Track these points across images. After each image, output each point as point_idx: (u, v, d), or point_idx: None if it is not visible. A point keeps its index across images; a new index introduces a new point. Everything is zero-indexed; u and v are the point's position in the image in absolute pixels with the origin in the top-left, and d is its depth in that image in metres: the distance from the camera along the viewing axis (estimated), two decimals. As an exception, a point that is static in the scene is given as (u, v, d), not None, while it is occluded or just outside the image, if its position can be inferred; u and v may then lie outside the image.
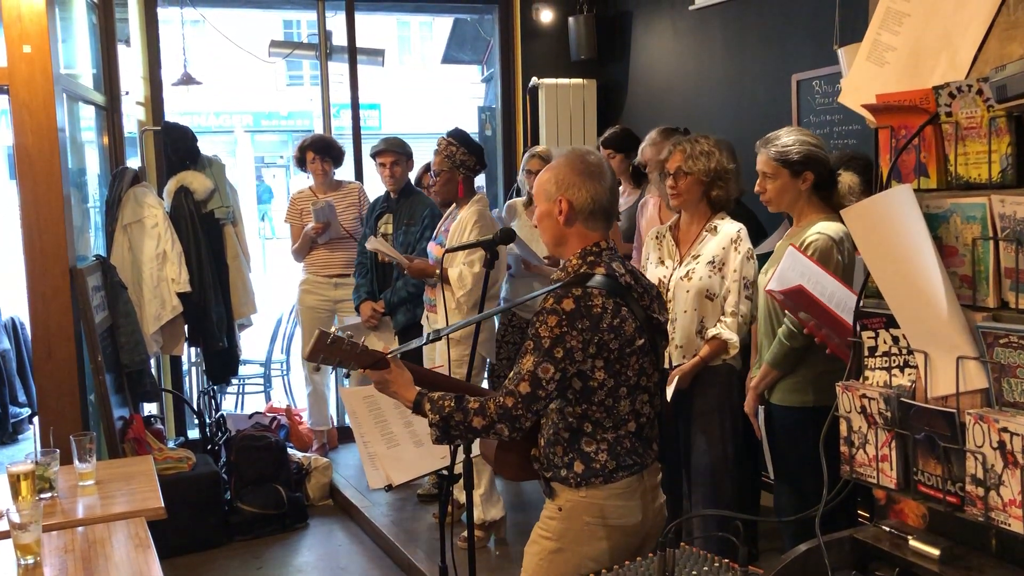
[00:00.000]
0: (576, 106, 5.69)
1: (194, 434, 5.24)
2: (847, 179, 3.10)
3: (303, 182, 5.42)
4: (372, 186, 5.61)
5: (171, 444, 4.66)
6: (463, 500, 3.50)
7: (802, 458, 2.81)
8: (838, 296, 2.52)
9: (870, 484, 1.79)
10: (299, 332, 5.69)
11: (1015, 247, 1.56)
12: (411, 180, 4.80)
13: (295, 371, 6.75)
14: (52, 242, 3.86)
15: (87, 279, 4.00)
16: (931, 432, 1.64)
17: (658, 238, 3.25)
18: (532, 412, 1.98)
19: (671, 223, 3.26)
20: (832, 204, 2.91)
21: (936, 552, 1.68)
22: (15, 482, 2.53)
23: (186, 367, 5.72)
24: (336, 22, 5.83)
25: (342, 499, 4.78)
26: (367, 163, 5.79)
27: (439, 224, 4.23)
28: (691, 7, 4.94)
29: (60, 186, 3.86)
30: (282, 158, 19.37)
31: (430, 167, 4.96)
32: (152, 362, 4.77)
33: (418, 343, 2.24)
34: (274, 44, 6.44)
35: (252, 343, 6.48)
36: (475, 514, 3.92)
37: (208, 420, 4.97)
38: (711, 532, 3.01)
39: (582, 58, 5.68)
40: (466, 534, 2.77)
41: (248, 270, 5.22)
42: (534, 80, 5.73)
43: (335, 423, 5.59)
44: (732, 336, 3.02)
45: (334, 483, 4.89)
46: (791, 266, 2.65)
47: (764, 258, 3.10)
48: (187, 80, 6.61)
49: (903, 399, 1.71)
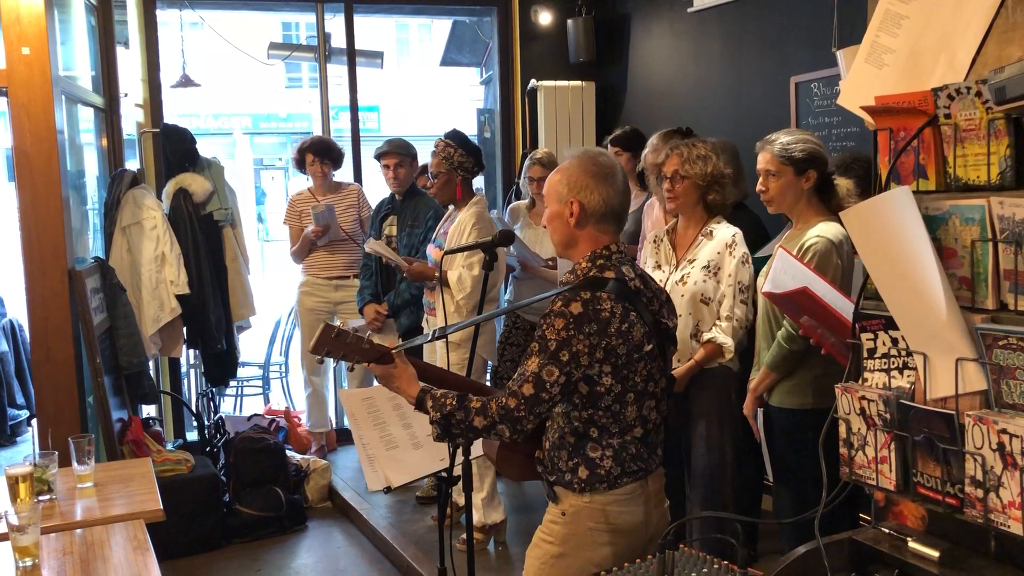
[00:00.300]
0: (575, 108, 5.69)
1: (193, 436, 5.24)
2: (844, 182, 3.10)
3: (302, 184, 5.42)
4: (371, 188, 5.61)
5: (170, 446, 4.66)
6: (463, 503, 3.49)
7: (801, 460, 2.81)
8: (829, 298, 2.52)
9: (869, 486, 1.79)
10: (298, 334, 5.69)
11: (1014, 249, 1.56)
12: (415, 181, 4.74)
13: (294, 373, 6.74)
14: (51, 244, 3.86)
15: (86, 281, 4.00)
16: (930, 434, 1.64)
17: (655, 242, 3.26)
18: (534, 415, 1.95)
19: (668, 227, 3.26)
20: (831, 206, 2.91)
21: (935, 554, 1.68)
22: (13, 484, 2.53)
23: (185, 369, 5.71)
24: (335, 24, 5.83)
25: (341, 501, 4.77)
26: (366, 165, 5.80)
27: (438, 226, 4.19)
28: (690, 9, 4.94)
29: (59, 188, 3.86)
30: (281, 160, 19.36)
31: (427, 169, 4.96)
32: (151, 364, 4.77)
33: (423, 340, 2.23)
34: (273, 46, 6.44)
35: (251, 345, 6.48)
36: (476, 518, 3.91)
37: (207, 422, 4.97)
38: (709, 534, 3.01)
39: (581, 60, 5.68)
40: (465, 536, 2.77)
41: (247, 272, 5.22)
42: (533, 82, 5.73)
43: (334, 425, 5.59)
44: (727, 340, 3.03)
45: (333, 485, 4.89)
46: (783, 268, 2.65)
47: (765, 261, 3.10)
48: (186, 82, 6.61)
49: (902, 401, 1.71)
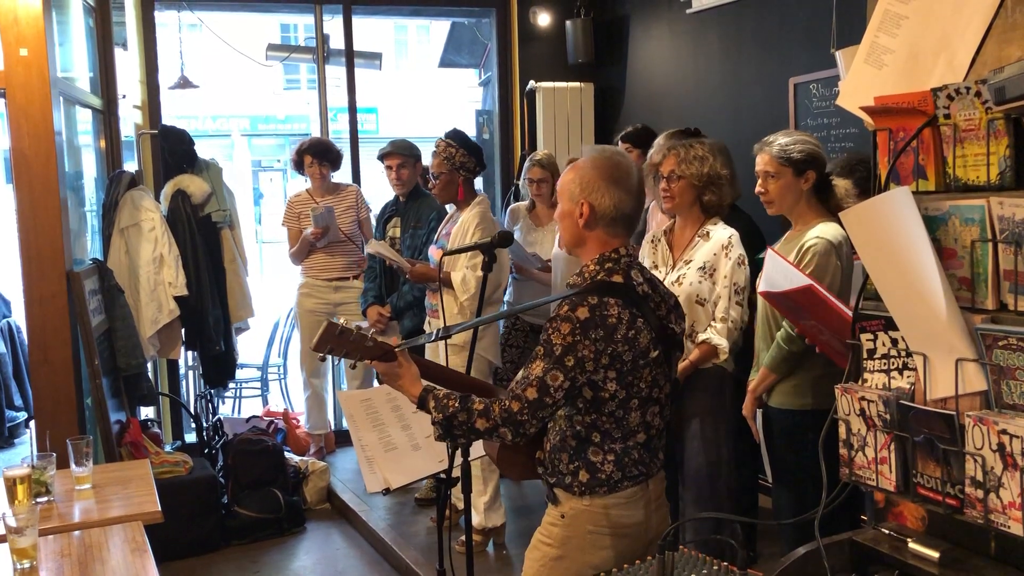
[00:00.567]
0: (574, 110, 5.69)
1: (191, 438, 5.23)
2: (843, 183, 3.10)
3: (300, 185, 5.42)
4: (370, 189, 5.61)
5: (168, 448, 4.65)
6: (462, 506, 3.48)
7: (800, 461, 2.81)
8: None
9: (869, 487, 1.79)
10: (297, 336, 5.68)
11: (1014, 249, 1.55)
12: (420, 183, 4.67)
13: (292, 375, 6.74)
14: (49, 246, 3.85)
15: (84, 283, 3.99)
16: (930, 434, 1.64)
17: (653, 242, 3.25)
18: (537, 419, 1.94)
19: (666, 227, 3.26)
20: (829, 207, 2.91)
21: (935, 555, 1.68)
22: (11, 486, 2.52)
23: (183, 371, 5.71)
24: (333, 26, 5.83)
25: (340, 503, 4.77)
26: (364, 166, 5.80)
27: (439, 227, 4.15)
28: (688, 11, 4.94)
29: (57, 190, 3.86)
30: (279, 162, 19.35)
31: (426, 171, 4.93)
32: (149, 366, 4.76)
33: (426, 339, 2.21)
34: (271, 48, 6.44)
35: (249, 347, 6.47)
36: (476, 520, 3.90)
37: (205, 424, 4.97)
38: (705, 536, 3.00)
39: (579, 61, 5.68)
40: (464, 538, 2.77)
41: (245, 274, 5.21)
42: (531, 84, 5.73)
43: (333, 427, 5.58)
44: (722, 341, 3.02)
45: (331, 487, 4.88)
46: (774, 268, 2.65)
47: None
48: (184, 84, 6.62)
49: (902, 401, 1.71)
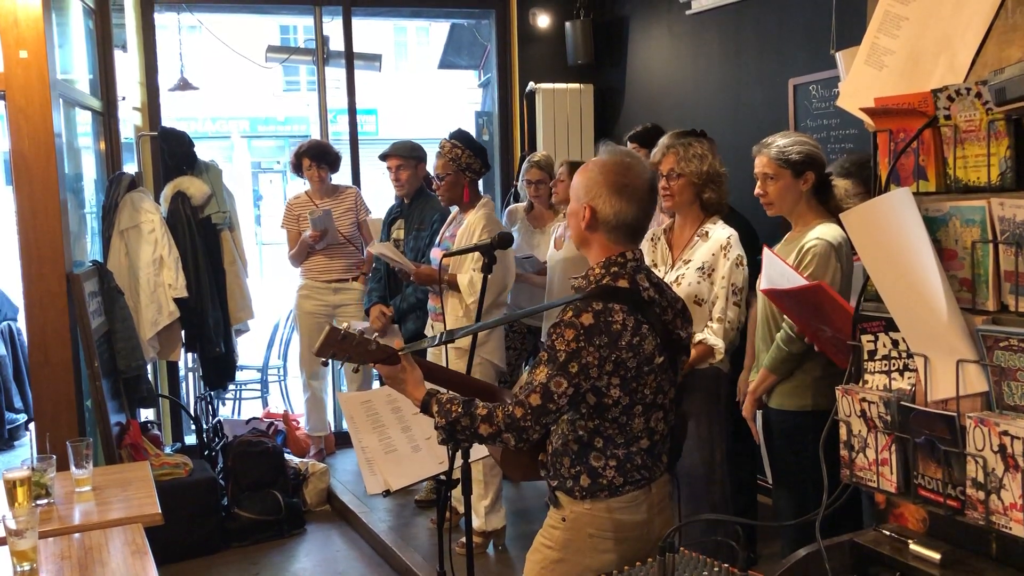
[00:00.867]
0: (573, 111, 5.69)
1: (191, 440, 5.23)
2: (842, 184, 3.09)
3: (300, 187, 5.41)
4: (370, 191, 5.61)
5: (168, 450, 4.65)
6: (462, 508, 3.47)
7: (801, 462, 2.80)
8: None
9: (870, 488, 1.78)
10: (296, 338, 5.68)
11: (1015, 250, 1.55)
12: (424, 184, 4.61)
13: (292, 377, 6.74)
14: (48, 248, 3.85)
15: (84, 285, 3.99)
16: (931, 436, 1.64)
17: (653, 240, 3.25)
18: (541, 425, 1.93)
19: (666, 226, 3.26)
20: (829, 208, 2.91)
21: (937, 556, 1.68)
22: (11, 488, 2.51)
23: (183, 373, 5.71)
24: (333, 27, 5.83)
25: (340, 505, 4.76)
26: (364, 168, 5.80)
27: (442, 229, 4.09)
28: (688, 12, 4.94)
29: (56, 192, 3.86)
30: (279, 163, 19.35)
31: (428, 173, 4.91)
32: (149, 368, 4.76)
33: (429, 343, 2.20)
34: (271, 49, 6.44)
35: (249, 348, 6.47)
36: (476, 523, 3.89)
37: (205, 426, 4.96)
38: (702, 537, 2.99)
39: (579, 63, 5.69)
40: (464, 540, 2.76)
41: (245, 275, 5.21)
42: (531, 85, 5.73)
43: (332, 428, 5.58)
44: (718, 342, 3.02)
45: (332, 488, 4.88)
46: (772, 268, 2.65)
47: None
48: (184, 85, 6.61)
49: (903, 403, 1.71)
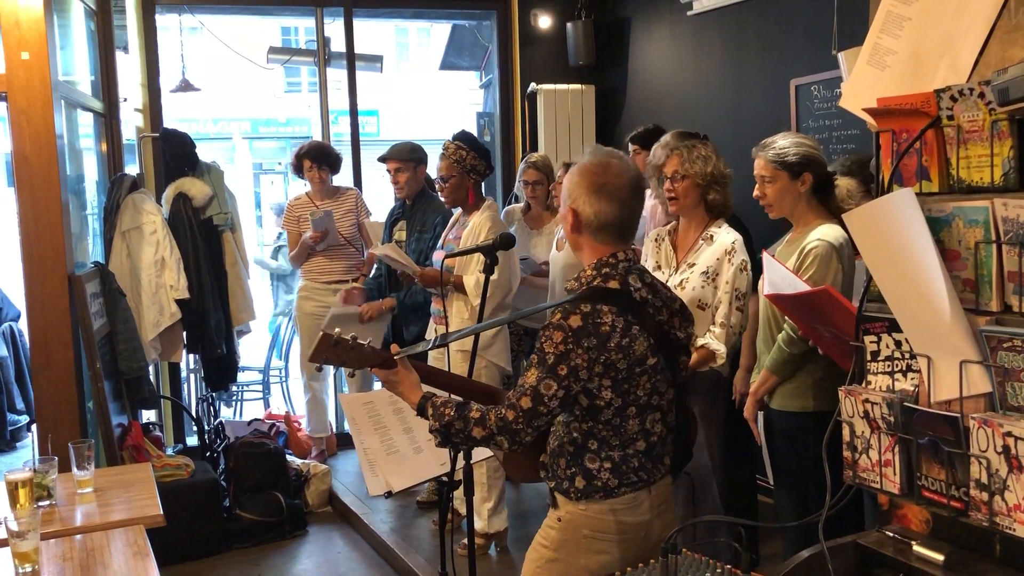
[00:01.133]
0: (575, 112, 5.68)
1: (193, 441, 5.23)
2: (844, 184, 3.09)
3: (301, 188, 5.42)
4: (371, 192, 5.61)
5: (170, 451, 4.65)
6: (463, 511, 3.46)
7: (802, 463, 2.80)
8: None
9: (873, 489, 1.78)
10: (297, 339, 5.68)
11: (1018, 251, 1.55)
12: (426, 186, 4.59)
13: (294, 378, 6.74)
14: (50, 249, 3.85)
15: (85, 286, 3.99)
16: (935, 437, 1.64)
17: (657, 241, 3.24)
18: (533, 427, 1.93)
19: (670, 227, 3.25)
20: (831, 208, 2.90)
21: (940, 557, 1.68)
22: (13, 490, 2.51)
23: (185, 374, 5.71)
24: (334, 28, 5.83)
25: (341, 506, 4.76)
26: (366, 169, 5.80)
27: (445, 231, 4.07)
28: (689, 12, 4.94)
29: (58, 193, 3.86)
30: (280, 164, 19.34)
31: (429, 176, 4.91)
32: (151, 369, 4.76)
33: (424, 347, 2.21)
34: (272, 51, 6.44)
35: (251, 350, 6.47)
36: (479, 525, 3.88)
37: (207, 427, 4.96)
38: (703, 539, 2.98)
39: (580, 64, 5.68)
40: (466, 541, 2.76)
41: (247, 277, 5.21)
42: (533, 86, 5.73)
43: (334, 429, 5.58)
44: (720, 347, 3.02)
45: (333, 490, 4.88)
46: (773, 272, 2.64)
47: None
48: (185, 87, 6.62)
49: (906, 404, 1.71)
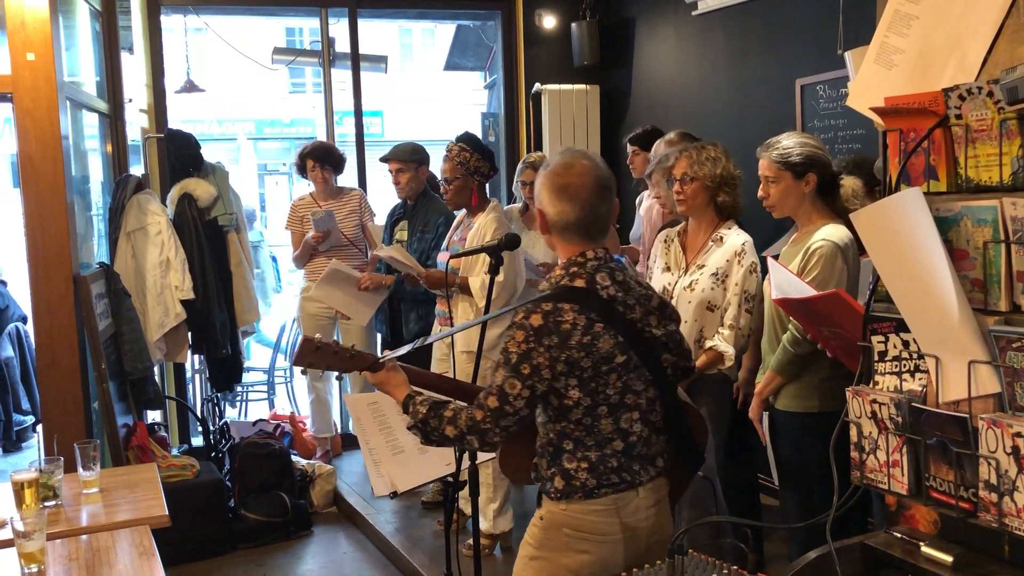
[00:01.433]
0: (579, 112, 5.68)
1: (198, 441, 5.23)
2: (850, 183, 3.08)
3: (306, 189, 5.42)
4: (376, 193, 5.61)
5: (175, 452, 4.66)
6: (469, 511, 3.46)
7: (808, 464, 2.79)
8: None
9: (881, 490, 1.77)
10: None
11: (1027, 250, 1.54)
12: (428, 186, 4.61)
13: (298, 378, 6.74)
14: (56, 250, 3.86)
15: (91, 287, 4.00)
16: (943, 437, 1.63)
17: (666, 242, 3.23)
18: (500, 427, 1.94)
19: (680, 228, 3.24)
20: (836, 208, 2.89)
21: (949, 559, 1.67)
22: (19, 490, 2.52)
23: (190, 374, 5.71)
24: (339, 29, 5.83)
25: (346, 506, 4.76)
26: (370, 170, 5.80)
27: (449, 233, 4.08)
28: (694, 12, 4.93)
29: (64, 194, 3.86)
30: (284, 165, 19.38)
31: (433, 177, 4.91)
32: (156, 369, 4.77)
33: (406, 349, 2.25)
34: (277, 51, 6.45)
35: (256, 350, 6.48)
36: (484, 526, 3.88)
37: (212, 427, 4.97)
38: (708, 540, 2.98)
39: (585, 64, 5.68)
40: (471, 542, 2.76)
41: (251, 277, 5.21)
42: (537, 86, 5.72)
43: (338, 430, 5.58)
44: (728, 349, 3.01)
45: (338, 490, 4.88)
46: (779, 276, 2.64)
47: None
48: (190, 87, 6.63)
49: (914, 404, 1.70)
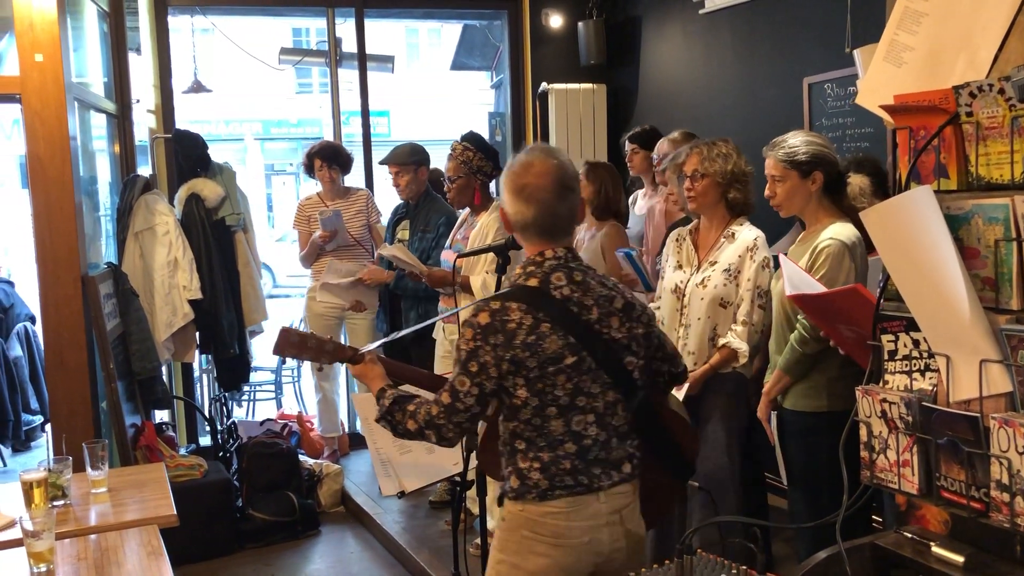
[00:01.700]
0: (586, 111, 5.67)
1: (206, 441, 5.24)
2: (857, 181, 3.07)
3: (313, 189, 5.42)
4: (382, 193, 5.61)
5: (183, 451, 4.66)
6: (476, 511, 3.46)
7: (816, 464, 2.77)
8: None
9: (891, 490, 1.76)
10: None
11: (1039, 248, 1.53)
12: (430, 186, 4.66)
13: (306, 378, 6.75)
14: (64, 250, 3.87)
15: (99, 287, 4.01)
16: (954, 437, 1.62)
17: (678, 241, 3.22)
18: (453, 424, 1.96)
19: (692, 227, 3.23)
20: (843, 206, 2.88)
21: (960, 559, 1.66)
22: (28, 490, 2.52)
23: (197, 374, 5.72)
24: (345, 29, 5.83)
25: (354, 506, 4.76)
26: (377, 170, 5.80)
27: (453, 231, 4.10)
28: (701, 11, 4.92)
29: (72, 194, 3.87)
30: (292, 165, 19.42)
31: (435, 176, 4.92)
32: (164, 369, 4.78)
33: (382, 341, 2.35)
34: (284, 51, 6.45)
35: (263, 350, 6.48)
36: (492, 526, 3.88)
37: (220, 427, 4.97)
38: (716, 540, 2.96)
39: (592, 63, 5.67)
40: (479, 541, 2.75)
41: (259, 277, 5.22)
42: (544, 85, 5.72)
43: (346, 429, 5.58)
44: (742, 345, 3.00)
45: (346, 490, 4.88)
46: (792, 273, 2.63)
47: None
48: (197, 88, 6.64)
49: (924, 403, 1.69)
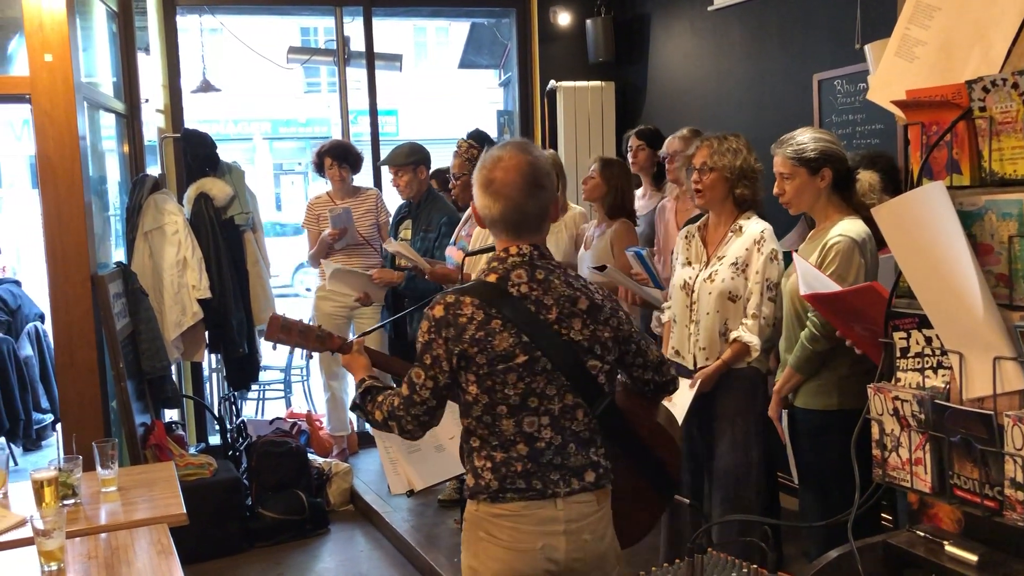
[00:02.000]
0: (594, 109, 5.66)
1: (215, 440, 5.25)
2: (866, 177, 3.05)
3: (321, 188, 5.43)
4: (390, 192, 5.62)
5: (192, 450, 4.67)
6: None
7: (827, 462, 2.76)
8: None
9: (904, 488, 1.75)
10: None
11: (1053, 244, 1.52)
12: (432, 186, 4.69)
13: (315, 377, 6.75)
14: (74, 249, 3.88)
15: (108, 286, 4.02)
16: (967, 435, 1.61)
17: (687, 238, 3.22)
18: (411, 415, 1.97)
19: (700, 223, 3.22)
20: (852, 203, 2.86)
21: (974, 558, 1.65)
22: (39, 489, 2.53)
23: (207, 373, 5.74)
24: (353, 28, 5.83)
25: (363, 504, 4.77)
26: (385, 169, 5.80)
27: (458, 228, 4.12)
28: (709, 8, 4.90)
29: (81, 194, 3.89)
30: (300, 164, 19.45)
31: (442, 174, 4.92)
32: (173, 368, 4.79)
33: (371, 329, 2.48)
34: (292, 51, 6.46)
35: (272, 349, 6.49)
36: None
37: (229, 426, 4.98)
38: (732, 538, 2.95)
39: (600, 60, 5.66)
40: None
41: (268, 276, 5.23)
42: (552, 83, 5.71)
43: (355, 428, 5.59)
44: (753, 339, 2.98)
45: (355, 488, 4.89)
46: (805, 271, 2.61)
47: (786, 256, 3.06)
48: (206, 87, 6.64)
49: (937, 401, 1.68)
